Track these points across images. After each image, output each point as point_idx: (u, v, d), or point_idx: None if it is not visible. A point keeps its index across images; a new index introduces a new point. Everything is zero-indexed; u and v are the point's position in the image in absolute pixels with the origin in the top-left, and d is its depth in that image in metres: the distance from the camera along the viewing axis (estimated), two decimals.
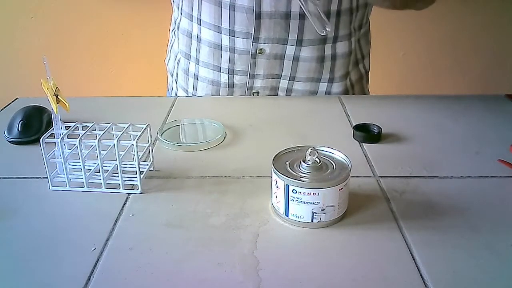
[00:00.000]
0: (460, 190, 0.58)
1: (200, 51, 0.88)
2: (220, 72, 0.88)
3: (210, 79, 0.89)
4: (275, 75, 0.87)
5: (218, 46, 0.85)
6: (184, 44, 0.90)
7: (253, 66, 0.86)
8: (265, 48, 0.84)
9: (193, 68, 0.91)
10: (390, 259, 0.46)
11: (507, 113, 0.81)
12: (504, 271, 0.45)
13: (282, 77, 0.88)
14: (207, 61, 0.88)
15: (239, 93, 0.90)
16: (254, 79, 0.87)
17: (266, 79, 0.87)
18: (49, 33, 1.73)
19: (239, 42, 0.83)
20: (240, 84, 0.88)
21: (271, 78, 0.88)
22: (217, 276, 0.44)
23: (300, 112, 0.83)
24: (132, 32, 1.72)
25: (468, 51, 1.73)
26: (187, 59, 0.91)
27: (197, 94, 0.92)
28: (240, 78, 0.87)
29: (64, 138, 0.56)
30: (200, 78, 0.90)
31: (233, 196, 0.57)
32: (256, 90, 0.89)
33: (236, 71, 0.87)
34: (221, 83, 0.89)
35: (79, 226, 0.52)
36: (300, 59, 0.85)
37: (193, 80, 0.91)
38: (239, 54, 0.85)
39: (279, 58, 0.85)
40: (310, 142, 0.67)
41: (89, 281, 0.44)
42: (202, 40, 0.86)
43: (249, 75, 0.87)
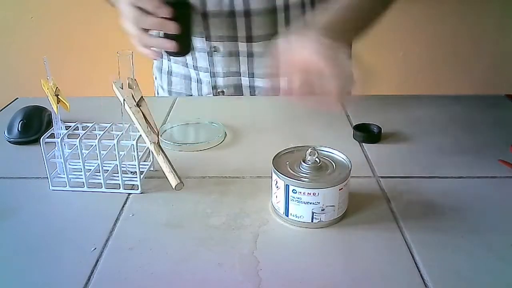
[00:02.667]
0: (460, 190, 0.58)
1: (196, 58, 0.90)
2: (187, 67, 0.91)
3: (182, 74, 0.93)
4: (234, 72, 0.89)
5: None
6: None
7: (211, 64, 0.88)
8: (218, 46, 0.86)
9: (166, 65, 0.94)
10: (390, 259, 0.46)
11: (507, 113, 0.81)
12: (504, 271, 0.45)
13: (242, 74, 0.89)
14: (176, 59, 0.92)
15: (207, 91, 0.91)
16: (215, 77, 0.89)
17: (227, 77, 0.89)
18: (49, 33, 1.73)
19: (197, 40, 0.86)
20: (205, 81, 0.90)
21: (232, 76, 0.89)
22: (217, 276, 0.44)
23: (300, 112, 0.83)
24: None
25: (468, 51, 1.73)
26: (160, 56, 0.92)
27: (172, 90, 0.95)
28: (204, 75, 0.90)
29: (64, 138, 0.56)
30: (173, 73, 0.94)
31: (233, 196, 0.57)
32: (221, 90, 0.90)
33: (199, 67, 0.89)
34: (192, 78, 0.92)
35: (79, 226, 0.52)
36: (255, 55, 0.87)
37: (167, 77, 0.95)
38: (198, 52, 0.87)
39: (234, 55, 0.87)
40: (310, 142, 0.67)
41: (89, 281, 0.44)
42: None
43: (210, 73, 0.89)
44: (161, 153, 0.55)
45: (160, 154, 0.55)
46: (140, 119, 0.56)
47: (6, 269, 0.46)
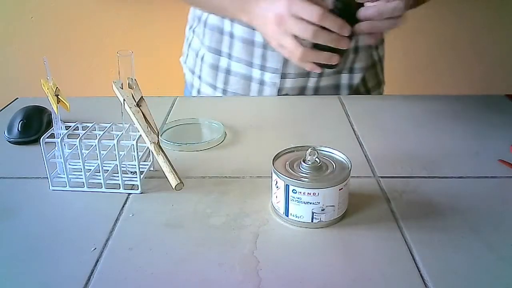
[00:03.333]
0: (460, 190, 0.58)
1: (233, 47, 0.88)
2: (252, 67, 0.88)
3: (242, 74, 0.90)
4: (305, 73, 0.87)
5: (251, 42, 0.86)
6: (213, 40, 0.90)
7: (285, 64, 0.86)
8: None
9: (224, 63, 0.91)
10: (390, 259, 0.46)
11: (507, 113, 0.81)
12: (504, 271, 0.45)
13: (312, 74, 0.88)
14: (240, 57, 0.88)
15: (269, 93, 0.90)
16: (285, 78, 0.87)
17: (296, 78, 0.88)
18: (49, 33, 1.73)
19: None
20: (270, 82, 0.88)
21: (301, 77, 0.88)
22: (217, 276, 0.44)
23: (300, 112, 0.83)
24: (132, 32, 1.72)
25: (468, 51, 1.73)
26: (217, 54, 0.91)
27: (228, 89, 0.92)
28: (271, 76, 0.88)
29: (64, 138, 0.56)
30: (232, 72, 0.91)
31: (233, 196, 0.57)
32: (286, 92, 0.89)
33: (268, 68, 0.87)
34: (253, 78, 0.89)
35: (79, 226, 0.52)
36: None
37: (224, 75, 0.91)
38: (272, 50, 0.85)
39: None
40: (310, 142, 0.67)
41: (89, 281, 0.44)
42: (235, 36, 0.87)
43: (281, 74, 0.87)
44: (161, 153, 0.55)
45: (160, 154, 0.55)
46: (140, 119, 0.56)
47: (6, 269, 0.46)
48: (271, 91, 0.89)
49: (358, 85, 0.93)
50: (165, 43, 1.74)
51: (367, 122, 0.77)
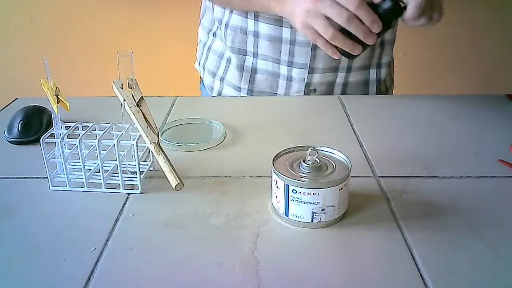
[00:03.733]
0: (460, 190, 0.58)
1: (259, 45, 0.88)
2: (279, 64, 0.89)
3: (269, 71, 0.90)
4: (333, 68, 0.88)
5: (278, 39, 0.86)
6: (237, 41, 0.90)
7: (312, 59, 0.86)
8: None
9: (250, 63, 0.91)
10: (390, 259, 0.46)
11: (507, 113, 0.81)
12: (504, 271, 0.45)
13: (340, 69, 0.88)
14: (266, 54, 0.89)
15: (297, 89, 0.90)
16: (313, 73, 0.88)
17: (324, 73, 0.88)
18: (49, 33, 1.73)
19: (300, 33, 0.83)
20: (298, 78, 0.89)
21: (329, 72, 0.88)
22: (217, 276, 0.44)
23: (300, 112, 0.83)
24: (132, 32, 1.72)
25: (468, 51, 1.73)
26: (242, 54, 0.91)
27: (254, 88, 0.92)
28: (298, 71, 0.88)
29: (64, 138, 0.56)
30: (259, 71, 0.91)
31: (233, 196, 0.57)
32: (314, 87, 0.89)
33: (295, 63, 0.87)
34: (280, 75, 0.90)
35: (79, 226, 0.52)
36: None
37: (250, 75, 0.92)
38: (299, 46, 0.85)
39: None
40: (310, 142, 0.67)
41: (89, 281, 0.44)
42: (260, 35, 0.87)
43: (308, 68, 0.87)
44: (161, 153, 0.55)
45: (160, 154, 0.55)
46: (140, 119, 0.56)
47: (6, 269, 0.46)
48: (299, 86, 0.89)
49: (384, 81, 0.94)
50: (165, 43, 1.74)
51: (367, 122, 0.77)
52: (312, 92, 0.90)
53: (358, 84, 0.91)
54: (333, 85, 0.90)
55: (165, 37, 1.72)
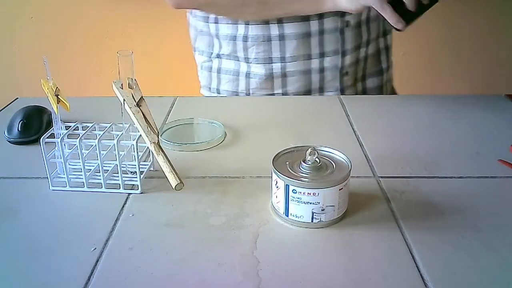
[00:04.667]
0: (460, 190, 0.58)
1: (286, 48, 0.88)
2: (310, 59, 0.89)
3: (300, 71, 0.90)
4: (357, 45, 0.90)
5: (307, 34, 0.87)
6: (261, 51, 0.89)
7: (342, 43, 0.88)
8: (350, 19, 0.87)
9: (278, 69, 0.90)
10: (390, 259, 0.46)
11: (507, 113, 0.81)
12: (504, 271, 0.45)
13: (362, 45, 0.91)
14: (295, 54, 0.89)
15: (331, 77, 0.91)
16: (344, 56, 0.89)
17: (352, 53, 0.90)
18: (49, 33, 1.73)
19: (328, 22, 0.85)
20: (331, 66, 0.90)
21: (356, 51, 0.91)
22: (217, 276, 0.44)
23: (300, 112, 0.83)
24: (132, 32, 1.72)
25: (468, 51, 1.73)
26: (268, 63, 0.90)
27: (288, 91, 0.92)
28: (330, 59, 0.89)
29: (64, 138, 0.56)
30: (288, 73, 0.91)
31: (233, 196, 0.57)
32: (346, 70, 0.91)
33: (326, 52, 0.89)
34: (312, 70, 0.90)
35: (79, 226, 0.52)
36: (371, 20, 0.90)
37: (281, 79, 0.91)
38: (328, 33, 0.87)
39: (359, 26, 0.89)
40: (310, 142, 0.67)
41: (89, 281, 0.44)
42: (286, 37, 0.87)
43: (341, 53, 0.89)
44: (161, 153, 0.55)
45: (160, 154, 0.55)
46: (140, 119, 0.56)
47: (6, 269, 0.46)
48: (333, 74, 0.90)
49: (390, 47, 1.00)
50: (165, 43, 1.74)
51: (367, 122, 0.77)
52: (346, 76, 0.91)
53: (374, 55, 0.95)
54: (358, 62, 0.93)
55: (165, 37, 1.72)
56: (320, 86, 0.91)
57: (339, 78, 0.91)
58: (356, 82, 0.95)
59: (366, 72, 0.95)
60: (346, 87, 0.93)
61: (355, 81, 0.94)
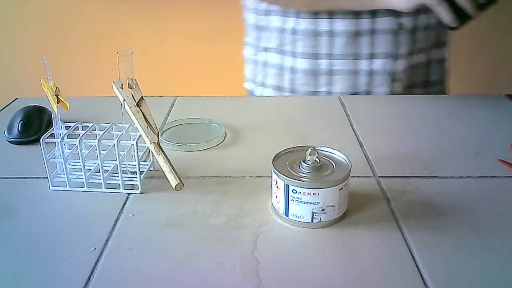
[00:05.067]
0: (460, 190, 0.58)
1: (334, 45, 0.86)
2: (359, 59, 0.87)
3: (348, 70, 0.88)
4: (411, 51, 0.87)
5: (357, 32, 0.84)
6: (308, 46, 0.88)
7: (395, 46, 0.85)
8: (405, 22, 0.84)
9: (325, 65, 0.89)
10: (390, 259, 0.46)
11: (507, 113, 0.81)
12: (504, 271, 0.45)
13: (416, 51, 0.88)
14: (343, 52, 0.87)
15: (380, 82, 0.88)
16: (396, 60, 0.86)
17: (406, 58, 0.87)
18: (49, 33, 1.73)
19: (380, 22, 0.82)
20: (380, 70, 0.87)
21: (409, 57, 0.88)
22: (217, 276, 0.44)
23: (300, 112, 0.83)
24: (132, 32, 1.72)
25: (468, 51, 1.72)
26: (316, 58, 0.89)
27: (333, 90, 0.90)
28: (381, 62, 0.86)
29: (64, 138, 0.56)
30: (335, 72, 0.89)
31: (233, 196, 0.57)
32: (397, 76, 0.88)
33: (377, 54, 0.86)
34: (360, 71, 0.87)
35: (79, 226, 0.52)
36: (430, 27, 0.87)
37: (327, 77, 0.89)
38: (380, 34, 0.84)
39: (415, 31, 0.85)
40: (310, 142, 0.67)
41: (89, 281, 0.44)
42: (335, 33, 0.85)
43: (392, 56, 0.86)
44: (161, 153, 0.55)
45: (160, 154, 0.55)
46: (140, 119, 0.56)
47: (6, 269, 0.46)
48: (382, 78, 0.87)
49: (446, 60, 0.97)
50: (165, 43, 1.74)
51: (367, 122, 0.77)
52: (396, 82, 0.88)
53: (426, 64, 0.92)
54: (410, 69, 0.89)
55: (165, 37, 1.72)
56: (367, 89, 0.89)
57: (389, 83, 0.88)
58: (404, 89, 0.91)
59: (414, 80, 0.92)
60: (395, 93, 0.90)
61: (405, 88, 0.91)
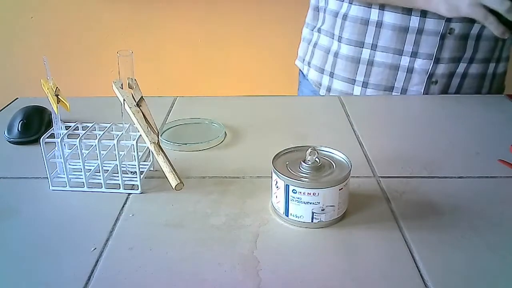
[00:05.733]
0: (460, 190, 0.58)
1: (380, 36, 0.87)
2: (401, 55, 0.87)
3: (388, 64, 0.89)
4: (457, 58, 0.87)
5: (404, 28, 0.85)
6: (355, 32, 0.89)
7: (439, 49, 0.85)
8: (455, 27, 0.83)
9: (367, 55, 0.90)
10: (390, 259, 0.46)
11: (507, 113, 0.81)
12: (504, 271, 0.45)
13: (463, 60, 0.87)
14: (387, 45, 0.87)
15: (417, 81, 0.88)
16: (438, 63, 0.86)
17: (448, 63, 0.87)
18: (49, 33, 1.73)
19: (430, 22, 0.83)
20: (420, 69, 0.87)
21: (453, 63, 0.87)
22: (217, 276, 0.44)
23: (300, 112, 0.83)
24: (132, 32, 1.72)
25: None
26: (358, 46, 0.90)
27: (370, 81, 0.91)
28: (422, 62, 0.86)
29: (64, 138, 0.56)
30: (375, 63, 0.89)
31: (233, 196, 0.57)
32: (436, 79, 0.88)
33: (420, 53, 0.86)
34: (400, 67, 0.88)
35: (79, 226, 0.52)
36: (482, 38, 0.85)
37: (366, 67, 0.90)
38: (427, 35, 0.84)
39: (465, 38, 0.85)
40: (310, 142, 0.67)
41: (89, 281, 0.44)
42: (384, 25, 0.86)
43: (434, 59, 0.86)
44: (161, 153, 0.55)
45: (160, 154, 0.55)
46: (140, 119, 0.56)
47: (6, 269, 0.46)
48: (420, 78, 0.88)
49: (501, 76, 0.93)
50: (165, 43, 1.74)
51: (367, 122, 0.77)
52: (433, 85, 0.88)
53: (476, 77, 0.90)
54: (453, 76, 0.88)
55: (165, 37, 1.72)
56: (404, 86, 0.89)
57: (426, 84, 0.88)
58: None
59: (461, 92, 0.91)
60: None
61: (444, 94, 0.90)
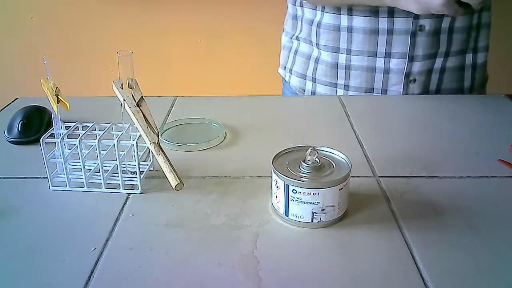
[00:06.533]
0: (460, 190, 0.58)
1: (352, 40, 0.88)
2: (375, 57, 0.88)
3: (364, 66, 0.89)
4: (432, 54, 0.87)
5: (374, 30, 0.85)
6: (330, 39, 0.91)
7: (412, 47, 0.86)
8: (425, 24, 0.84)
9: (343, 60, 0.91)
10: (390, 259, 0.46)
11: (507, 113, 0.81)
12: (504, 271, 0.45)
13: (438, 55, 0.88)
14: (361, 49, 0.88)
15: (395, 81, 0.89)
16: (412, 61, 0.87)
17: (424, 60, 0.87)
18: (49, 33, 1.73)
19: (398, 22, 0.83)
20: (396, 69, 0.88)
21: (428, 59, 0.87)
22: (217, 276, 0.44)
23: (300, 112, 0.83)
24: (132, 32, 1.72)
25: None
26: (335, 52, 0.91)
27: (350, 84, 0.92)
28: (397, 62, 0.87)
29: (64, 138, 0.56)
30: (352, 67, 0.90)
31: (233, 196, 0.57)
32: (413, 77, 0.88)
33: (393, 53, 0.87)
34: (377, 69, 0.89)
35: (79, 226, 0.52)
36: (455, 31, 0.86)
37: (344, 71, 0.91)
38: (397, 35, 0.85)
39: (437, 33, 0.85)
40: (310, 142, 0.67)
41: (89, 281, 0.44)
42: (354, 30, 0.87)
43: (408, 57, 0.86)
44: (161, 153, 0.55)
45: (160, 154, 0.55)
46: (140, 119, 0.56)
47: (6, 269, 0.46)
48: (398, 78, 0.88)
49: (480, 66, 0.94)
50: (165, 43, 1.74)
51: (367, 122, 0.77)
52: (412, 83, 0.89)
53: (455, 70, 0.91)
54: (431, 72, 0.89)
55: (165, 37, 1.72)
56: (383, 87, 0.90)
57: (404, 84, 0.89)
58: (428, 93, 0.91)
59: (442, 87, 0.91)
60: (411, 94, 0.90)
61: (425, 92, 0.91)
